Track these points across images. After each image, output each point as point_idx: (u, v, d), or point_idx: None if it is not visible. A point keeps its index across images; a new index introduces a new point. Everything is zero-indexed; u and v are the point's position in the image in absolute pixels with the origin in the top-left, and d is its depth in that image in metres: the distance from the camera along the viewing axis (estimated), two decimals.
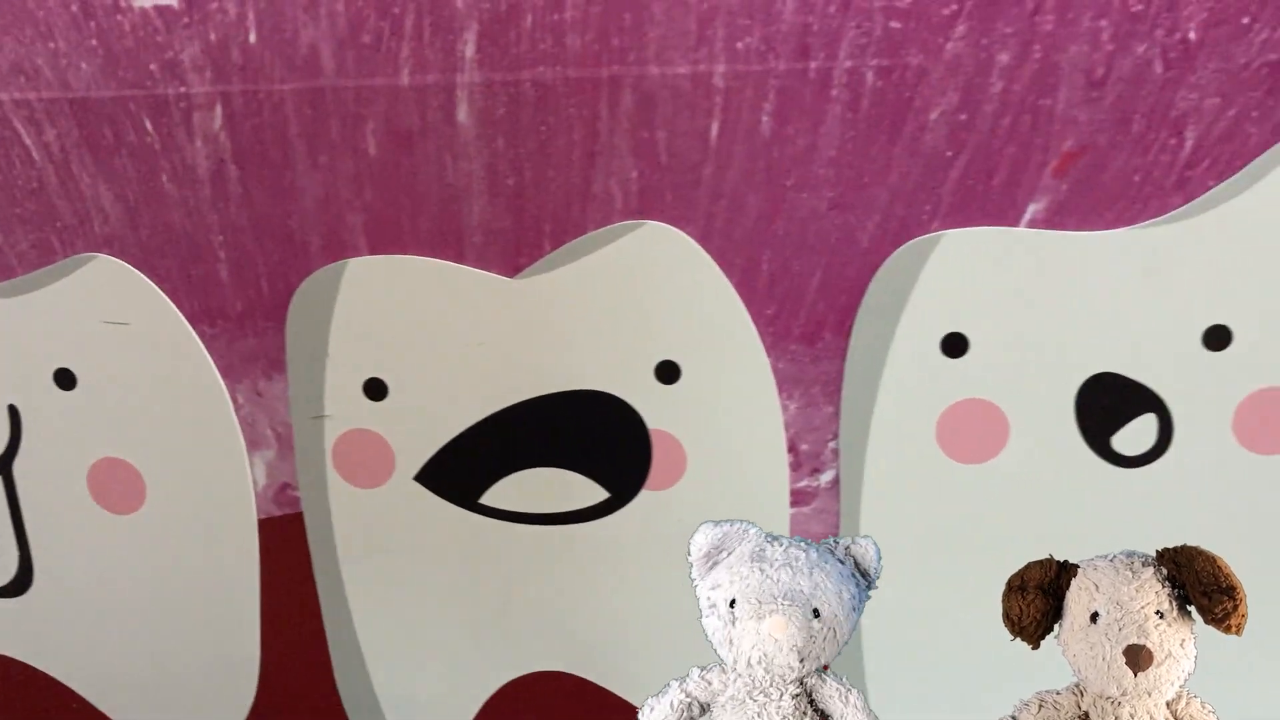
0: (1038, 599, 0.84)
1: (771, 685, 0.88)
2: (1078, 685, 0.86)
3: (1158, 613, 0.80)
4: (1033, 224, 1.15)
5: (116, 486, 1.38)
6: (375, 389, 1.30)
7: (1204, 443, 1.20)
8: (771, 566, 0.87)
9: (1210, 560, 0.80)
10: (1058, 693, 0.86)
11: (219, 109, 1.20)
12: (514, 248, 1.23)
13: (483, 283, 1.24)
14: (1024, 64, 1.10)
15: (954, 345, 1.21)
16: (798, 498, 1.28)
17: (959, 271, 1.18)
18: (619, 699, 1.38)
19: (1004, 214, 1.16)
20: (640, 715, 0.94)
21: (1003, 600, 0.86)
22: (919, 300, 1.19)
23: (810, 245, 1.19)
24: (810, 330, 1.22)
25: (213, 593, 1.41)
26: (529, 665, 1.39)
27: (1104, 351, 1.19)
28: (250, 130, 1.21)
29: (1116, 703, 0.82)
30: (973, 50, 1.10)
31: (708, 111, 1.15)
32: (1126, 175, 1.13)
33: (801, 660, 0.86)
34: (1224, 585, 0.79)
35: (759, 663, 0.86)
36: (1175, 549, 0.82)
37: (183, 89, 1.20)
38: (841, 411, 1.24)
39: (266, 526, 1.37)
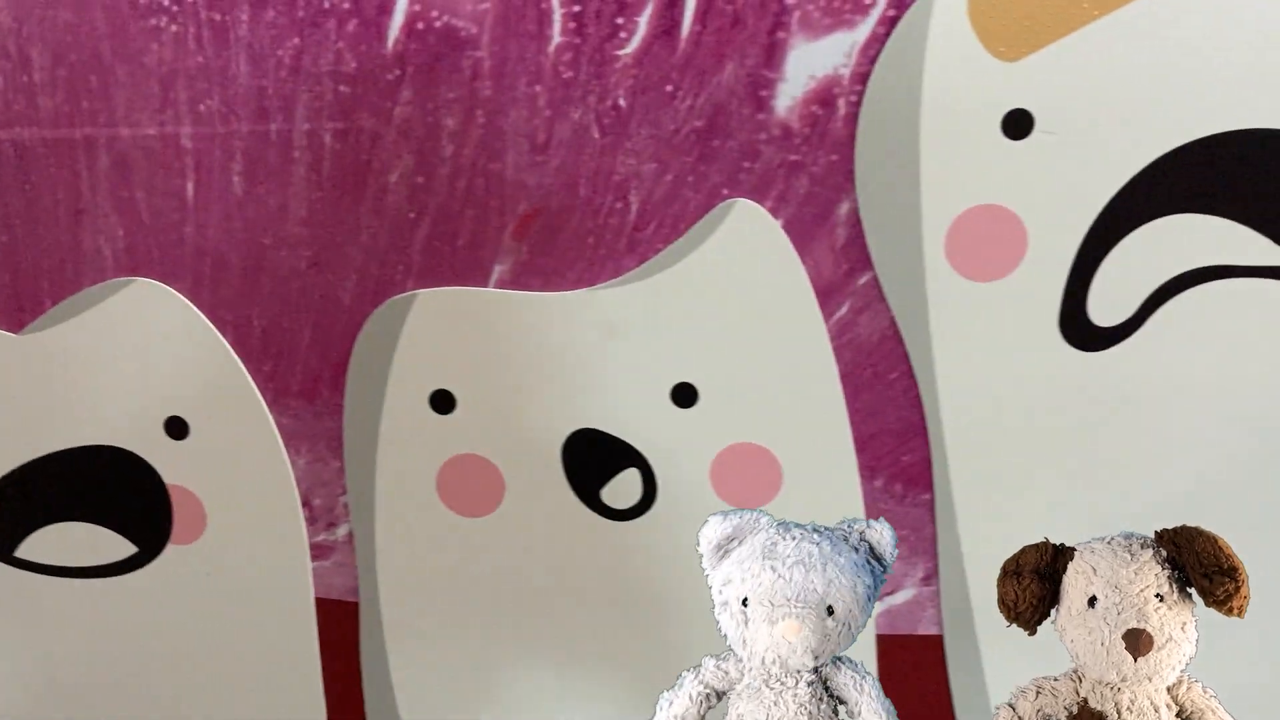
0: (1033, 583, 0.81)
1: (787, 675, 0.88)
2: (1075, 671, 0.84)
3: (1157, 595, 0.78)
4: (500, 284, 1.17)
5: None
6: None
7: (686, 496, 1.22)
8: (784, 565, 0.86)
9: (1211, 541, 0.77)
10: (1055, 679, 0.85)
11: None
12: (16, 304, 1.24)
13: None
14: (470, 128, 1.12)
15: (442, 402, 1.22)
16: (317, 551, 1.29)
17: (437, 330, 1.20)
18: None
19: (472, 274, 1.17)
20: (658, 708, 0.93)
21: (997, 585, 0.84)
22: (403, 358, 1.21)
23: (296, 303, 1.21)
24: (308, 386, 1.23)
25: None
26: (80, 716, 1.39)
27: (583, 408, 1.21)
28: None
29: (1116, 689, 0.80)
30: (420, 114, 1.12)
31: (181, 171, 1.17)
32: (581, 238, 1.15)
33: (816, 658, 0.87)
34: (1225, 566, 0.76)
35: (774, 662, 0.87)
36: (1175, 530, 0.80)
37: None
38: (346, 467, 1.26)
39: None
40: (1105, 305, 1.10)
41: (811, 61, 1.06)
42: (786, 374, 1.17)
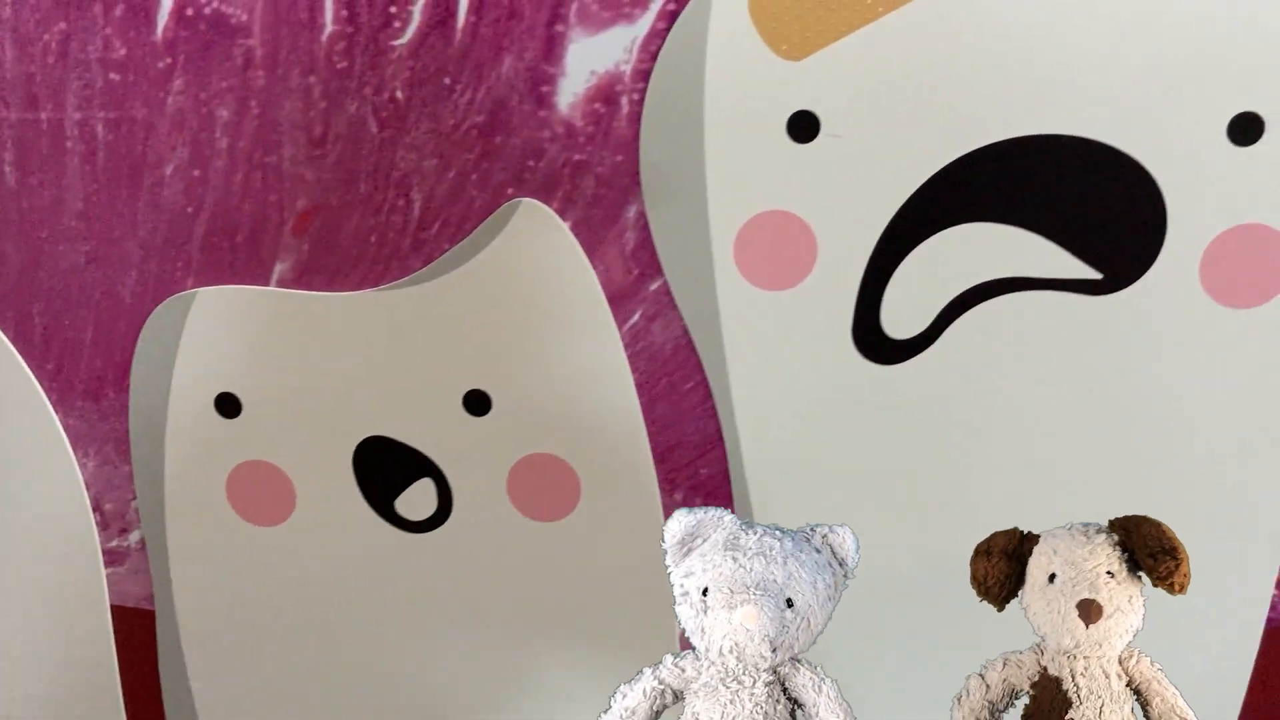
0: (1001, 562, 0.89)
1: (744, 673, 0.85)
2: (1039, 644, 0.90)
3: (1108, 572, 0.86)
4: (282, 283, 1.12)
5: None
6: None
7: (482, 509, 1.17)
8: (745, 555, 0.85)
9: (1156, 526, 0.86)
10: (1020, 653, 0.91)
11: None
12: None
13: None
14: (244, 120, 1.07)
15: (228, 406, 1.17)
16: (111, 558, 1.24)
17: (219, 330, 1.15)
18: None
19: (253, 272, 1.12)
20: (612, 701, 0.89)
21: (970, 564, 0.90)
22: (186, 359, 1.16)
23: (76, 299, 1.15)
24: (93, 386, 1.18)
25: None
26: None
27: (373, 415, 1.16)
28: None
29: (1071, 656, 0.87)
30: (194, 104, 1.07)
31: None
32: (363, 236, 1.10)
33: (774, 650, 0.84)
34: (1167, 547, 0.84)
35: (730, 651, 0.84)
36: (1125, 518, 0.87)
37: None
38: (135, 471, 1.20)
39: None
40: (899, 317, 1.05)
41: (592, 57, 1.01)
42: (581, 383, 1.12)
